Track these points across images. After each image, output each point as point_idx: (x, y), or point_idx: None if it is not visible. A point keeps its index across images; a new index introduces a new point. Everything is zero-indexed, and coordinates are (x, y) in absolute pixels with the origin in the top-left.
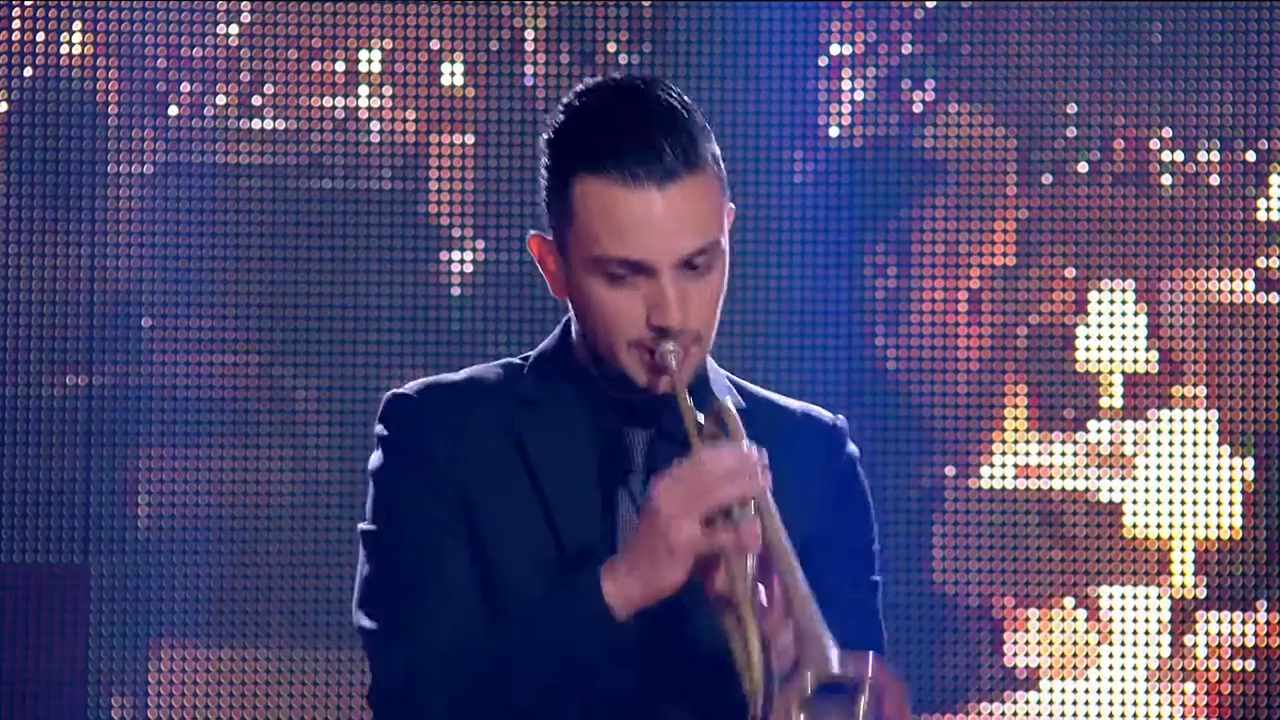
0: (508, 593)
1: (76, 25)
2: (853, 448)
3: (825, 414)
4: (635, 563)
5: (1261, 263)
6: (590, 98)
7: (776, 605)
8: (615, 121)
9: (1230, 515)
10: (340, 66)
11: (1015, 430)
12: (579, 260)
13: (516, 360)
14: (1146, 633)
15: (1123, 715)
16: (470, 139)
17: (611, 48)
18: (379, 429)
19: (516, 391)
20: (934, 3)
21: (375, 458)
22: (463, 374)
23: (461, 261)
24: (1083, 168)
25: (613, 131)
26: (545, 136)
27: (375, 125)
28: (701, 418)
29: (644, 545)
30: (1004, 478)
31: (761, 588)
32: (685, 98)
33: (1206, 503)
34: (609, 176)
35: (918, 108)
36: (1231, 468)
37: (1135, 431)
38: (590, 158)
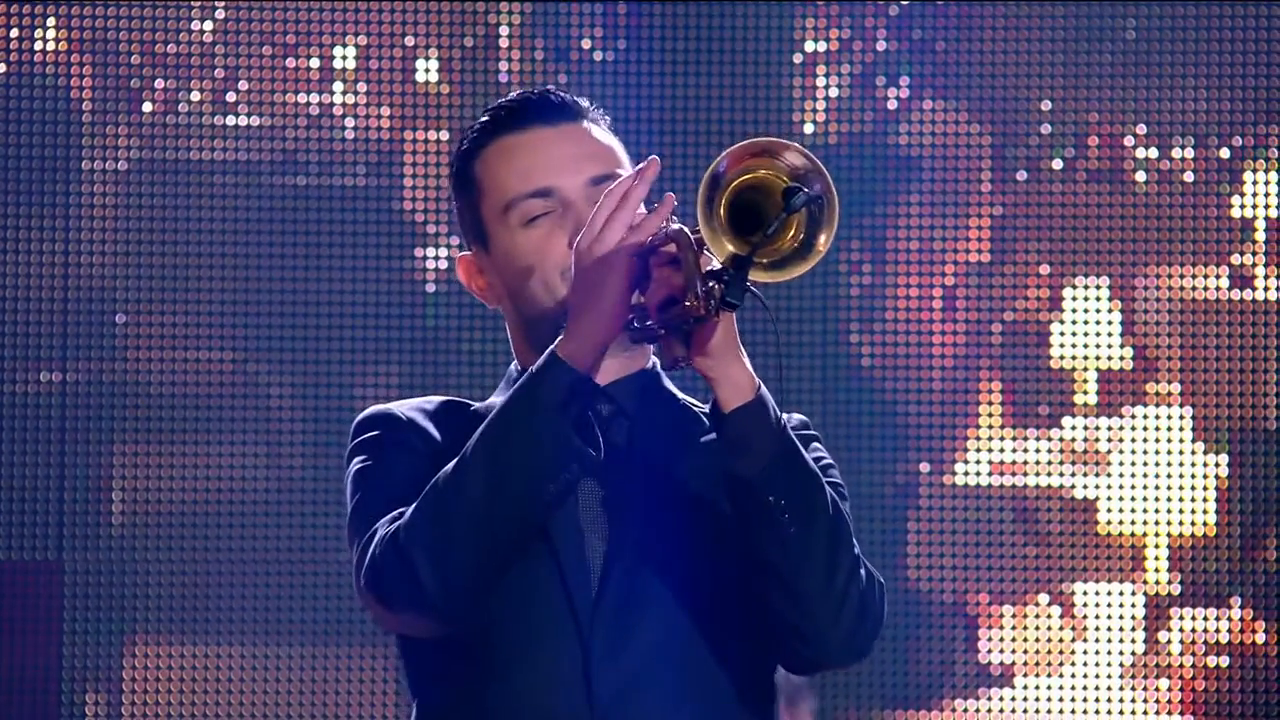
0: None
1: (50, 21)
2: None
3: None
4: (578, 311)
5: (1235, 259)
6: (483, 114)
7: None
8: (498, 107)
9: (1204, 512)
10: (315, 63)
11: (990, 427)
12: (495, 224)
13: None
14: (1121, 629)
15: (1097, 712)
16: (445, 136)
17: (586, 44)
18: (350, 442)
19: (472, 411)
20: (908, 0)
21: (352, 463)
22: (418, 399)
23: (436, 258)
24: (1057, 165)
25: (496, 111)
26: (449, 166)
27: (349, 122)
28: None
29: (578, 288)
30: (979, 474)
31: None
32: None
33: (1181, 499)
34: (501, 135)
35: (892, 105)
36: (1206, 464)
37: (1109, 428)
38: (482, 135)
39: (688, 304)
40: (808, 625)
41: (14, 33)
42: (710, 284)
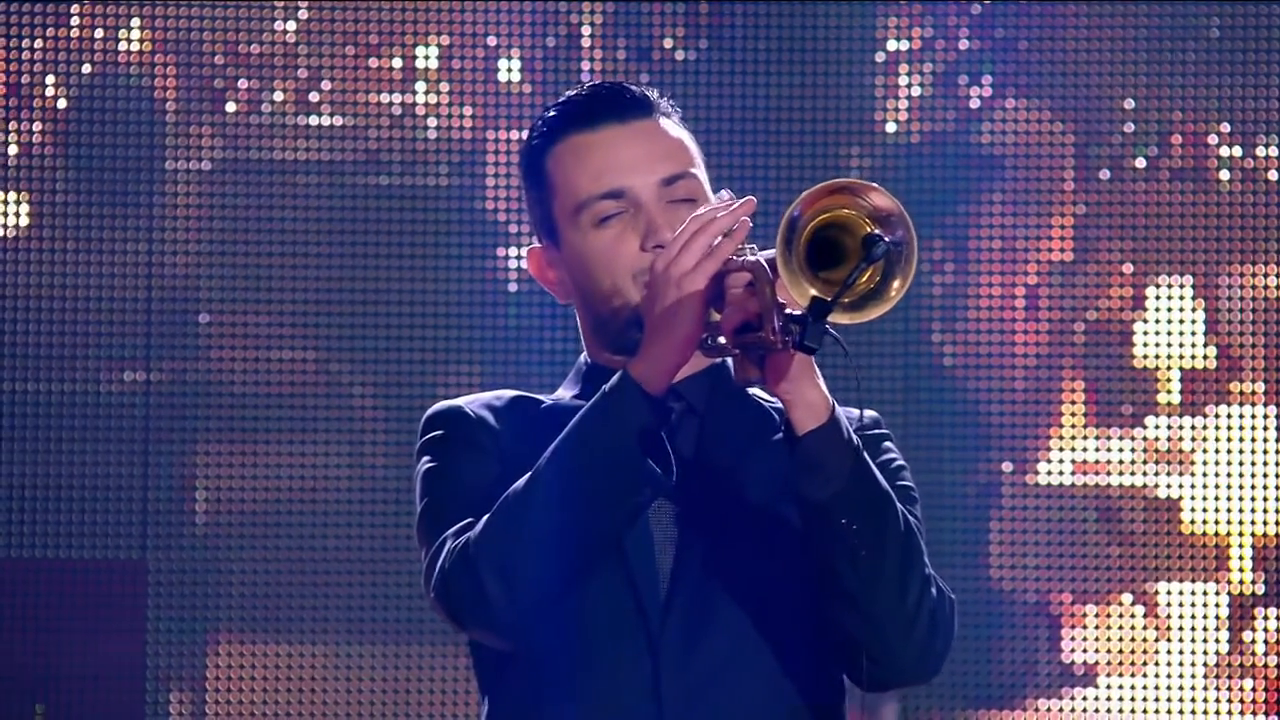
0: None
1: (135, 22)
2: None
3: None
4: (651, 333)
5: None
6: (551, 105)
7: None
8: (569, 100)
9: None
10: (397, 63)
11: (1073, 426)
12: (566, 224)
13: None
14: (1205, 629)
15: (1181, 712)
16: (527, 135)
17: (668, 44)
18: (419, 439)
19: (543, 408)
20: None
21: (421, 461)
22: (488, 394)
23: (519, 257)
24: (1140, 163)
25: (567, 105)
26: (520, 157)
27: (432, 121)
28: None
29: (652, 311)
30: (1061, 474)
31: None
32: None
33: (1265, 498)
34: (573, 132)
35: (975, 103)
36: None
37: (1193, 427)
38: (553, 130)
39: (763, 334)
40: (878, 644)
41: (99, 33)
42: (789, 323)
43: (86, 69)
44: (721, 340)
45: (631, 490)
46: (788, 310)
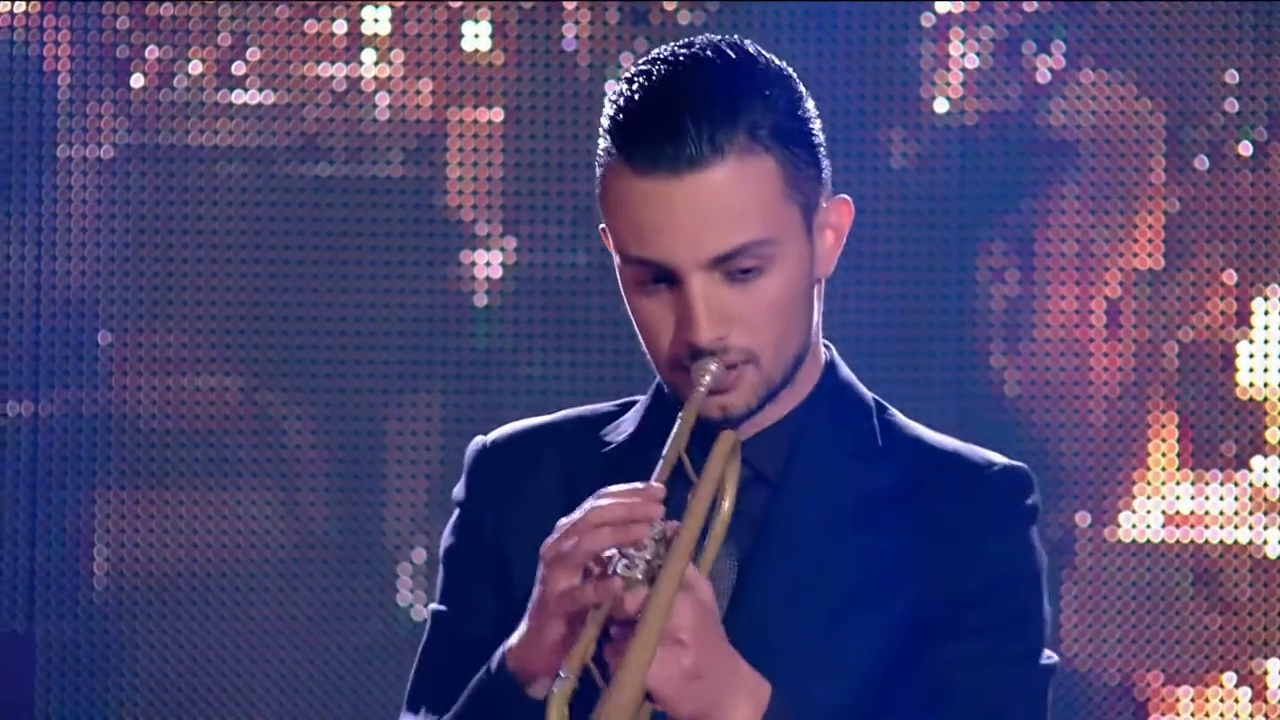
0: None
1: None
2: (1026, 498)
3: (985, 456)
4: (526, 623)
5: None
6: (638, 65)
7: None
8: (639, 95)
9: None
10: (340, 27)
11: (1163, 470)
12: (618, 265)
13: (634, 400)
14: None
15: None
16: (498, 115)
17: (670, 5)
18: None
19: (601, 433)
20: None
21: None
22: (560, 415)
23: (488, 264)
24: (1245, 149)
25: (633, 107)
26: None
27: (383, 99)
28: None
29: (532, 603)
30: (1149, 527)
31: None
32: (761, 60)
33: None
34: (626, 162)
35: (1043, 76)
36: None
37: None
38: (614, 138)
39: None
40: None
41: None
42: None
43: None
44: None
45: None
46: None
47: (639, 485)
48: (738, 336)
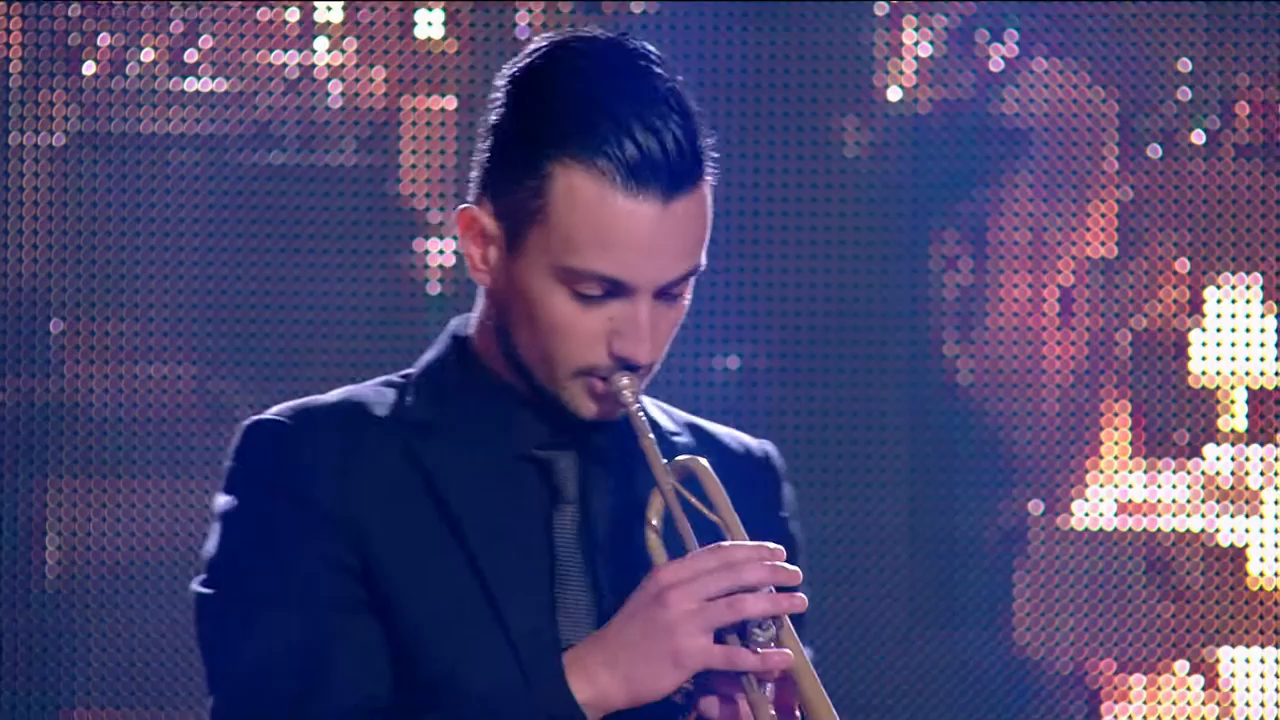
0: (430, 667)
1: None
2: (790, 492)
3: (757, 445)
4: (619, 660)
5: None
6: (574, 59)
7: None
8: (614, 100)
9: None
10: (293, 14)
11: (1116, 458)
12: (541, 265)
13: (397, 378)
14: (1277, 703)
15: None
16: (451, 103)
17: None
18: (233, 464)
19: (408, 413)
20: None
21: (228, 501)
22: (337, 395)
23: (441, 252)
24: (1198, 138)
25: (613, 115)
26: (505, 91)
27: (335, 86)
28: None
29: (637, 642)
30: (1102, 515)
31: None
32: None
33: None
34: (606, 175)
35: (996, 65)
36: None
37: (1262, 459)
38: (582, 143)
39: None
40: None
41: None
42: None
43: None
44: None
45: None
46: None
47: (772, 547)
48: (657, 352)
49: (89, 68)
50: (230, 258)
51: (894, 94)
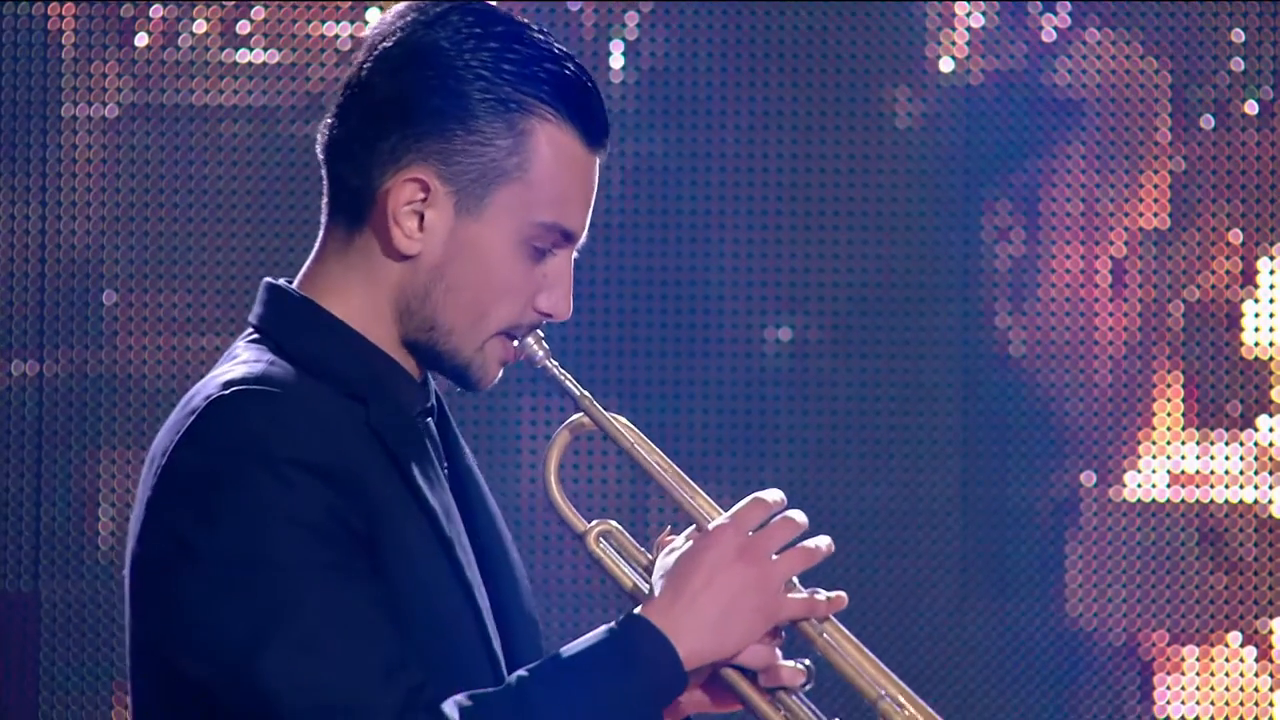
0: (437, 642)
1: None
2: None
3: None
4: (710, 619)
5: None
6: (496, 22)
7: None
8: (563, 59)
9: None
10: None
11: (1168, 429)
12: (506, 223)
13: (269, 354)
14: None
15: None
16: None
17: None
18: (217, 439)
19: (333, 385)
20: None
21: (199, 462)
22: (258, 369)
23: None
24: (1251, 108)
25: (574, 73)
26: (421, 57)
27: None
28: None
29: (731, 600)
30: (1154, 487)
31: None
32: None
33: None
34: (577, 130)
35: (1049, 36)
36: None
37: None
38: (558, 98)
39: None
40: None
41: None
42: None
43: None
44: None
45: None
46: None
47: (780, 496)
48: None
49: (141, 39)
50: (281, 229)
51: (946, 65)
